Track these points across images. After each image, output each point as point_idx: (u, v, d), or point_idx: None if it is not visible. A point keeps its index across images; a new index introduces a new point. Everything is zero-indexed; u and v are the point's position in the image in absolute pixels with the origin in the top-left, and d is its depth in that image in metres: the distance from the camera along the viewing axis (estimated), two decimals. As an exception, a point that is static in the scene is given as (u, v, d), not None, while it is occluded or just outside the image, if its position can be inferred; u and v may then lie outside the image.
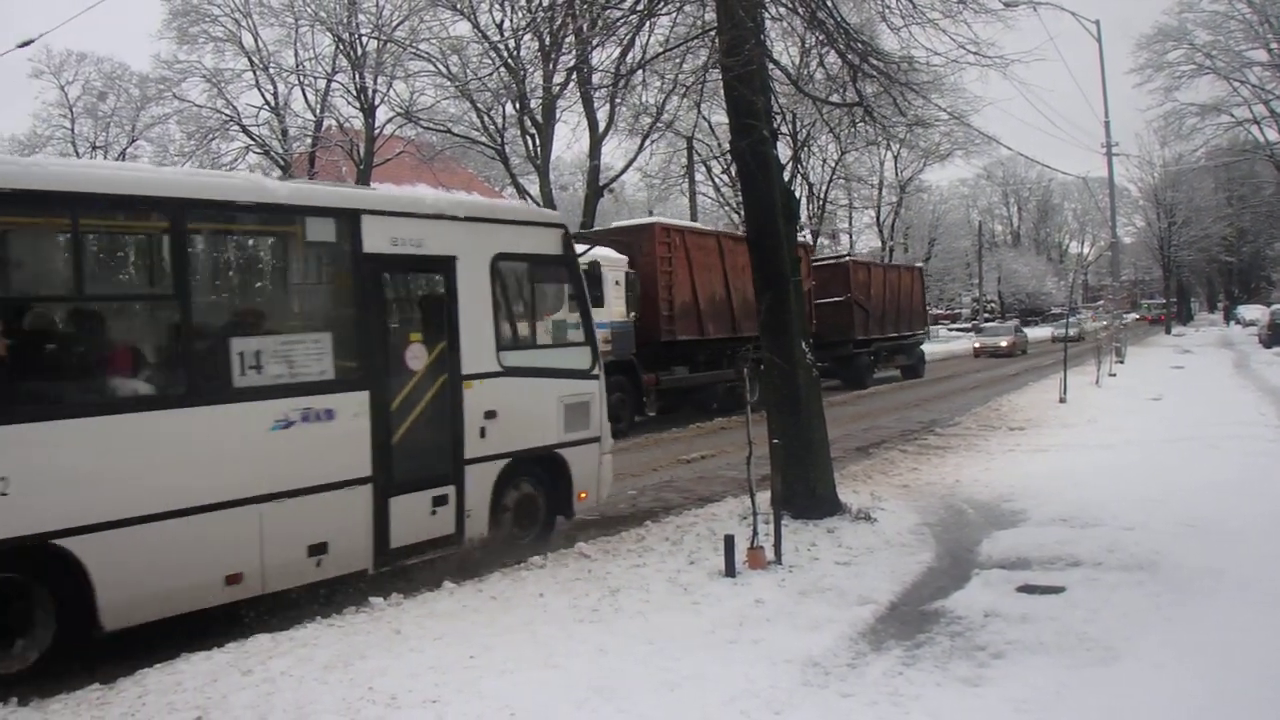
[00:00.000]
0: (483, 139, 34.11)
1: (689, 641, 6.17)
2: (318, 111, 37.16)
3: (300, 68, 36.13)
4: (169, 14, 35.41)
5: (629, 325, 18.98)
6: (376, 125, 35.50)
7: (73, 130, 46.03)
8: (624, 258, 19.34)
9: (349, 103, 36.37)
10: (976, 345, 47.44)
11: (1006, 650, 5.98)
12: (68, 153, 46.39)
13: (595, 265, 16.95)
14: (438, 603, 7.17)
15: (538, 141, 32.95)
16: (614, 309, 18.36)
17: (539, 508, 9.55)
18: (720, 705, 5.21)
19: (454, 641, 6.16)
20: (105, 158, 45.42)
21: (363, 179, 33.19)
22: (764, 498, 8.58)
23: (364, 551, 7.75)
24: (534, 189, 34.51)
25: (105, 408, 6.49)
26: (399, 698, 5.28)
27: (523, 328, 9.58)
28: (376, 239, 7.94)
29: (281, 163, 36.52)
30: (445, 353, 8.46)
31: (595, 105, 31.39)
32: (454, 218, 8.82)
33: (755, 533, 7.94)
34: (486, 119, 33.54)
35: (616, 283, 18.62)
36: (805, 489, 9.50)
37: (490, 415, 8.70)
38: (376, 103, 35.22)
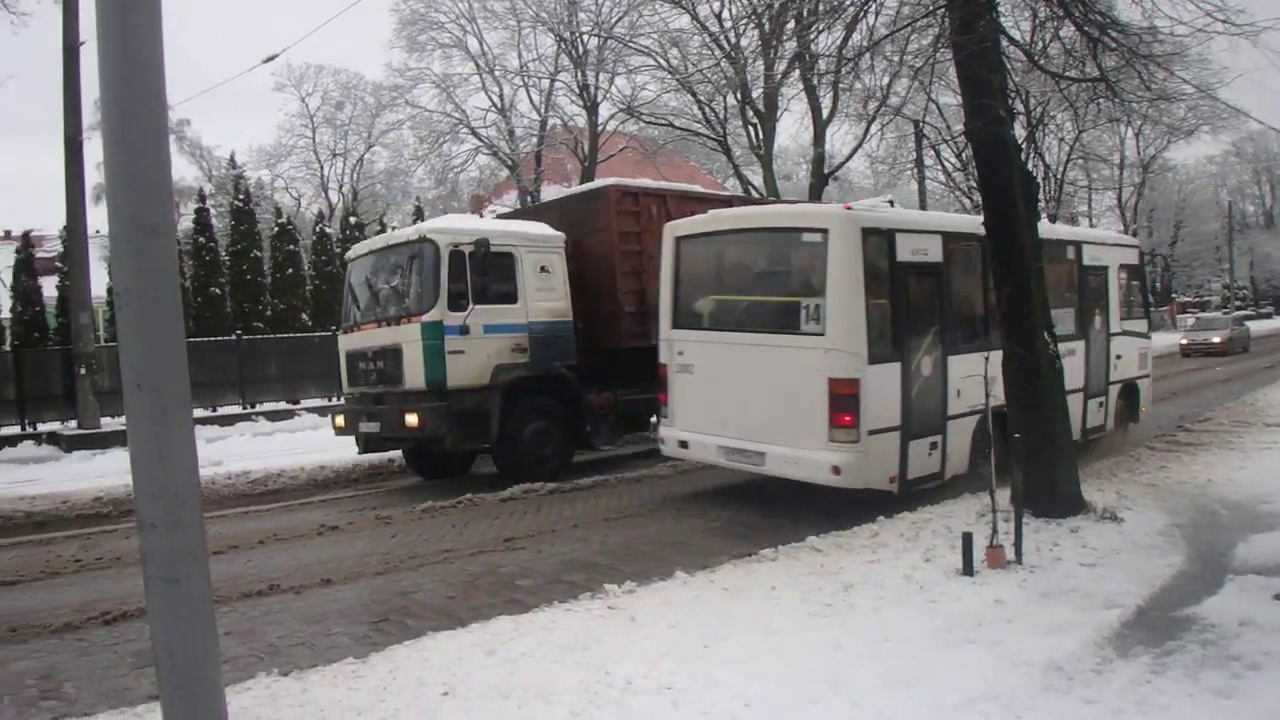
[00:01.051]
0: (705, 131, 34.21)
1: (925, 640, 6.02)
2: (542, 111, 38.09)
3: (524, 69, 37.15)
4: (399, 23, 37.02)
5: (564, 326, 14.25)
6: (599, 122, 36.16)
7: (314, 139, 48.95)
8: (558, 235, 14.56)
9: (572, 101, 37.17)
10: (1184, 342, 39.57)
11: (1263, 661, 5.59)
12: (310, 161, 49.45)
13: (503, 247, 13.69)
14: (670, 591, 7.26)
15: (760, 131, 32.81)
16: (536, 304, 13.92)
17: (1125, 414, 15.10)
18: (957, 706, 5.07)
19: (688, 630, 6.22)
20: (344, 164, 48.17)
21: (587, 176, 33.87)
22: (1002, 495, 8.28)
23: (1105, 423, 13.87)
24: (757, 179, 34.39)
25: (1072, 339, 12.82)
26: (635, 683, 5.36)
27: (1124, 306, 14.86)
28: (1086, 258, 13.74)
29: (509, 163, 37.67)
30: (1104, 320, 14.10)
31: (819, 91, 31.00)
32: (1107, 244, 15.05)
33: (995, 530, 7.68)
34: (708, 111, 33.62)
35: (542, 269, 14.08)
36: (1046, 486, 9.11)
37: (1118, 357, 14.50)
38: (599, 100, 35.86)
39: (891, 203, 14.22)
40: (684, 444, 11.58)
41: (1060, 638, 6.05)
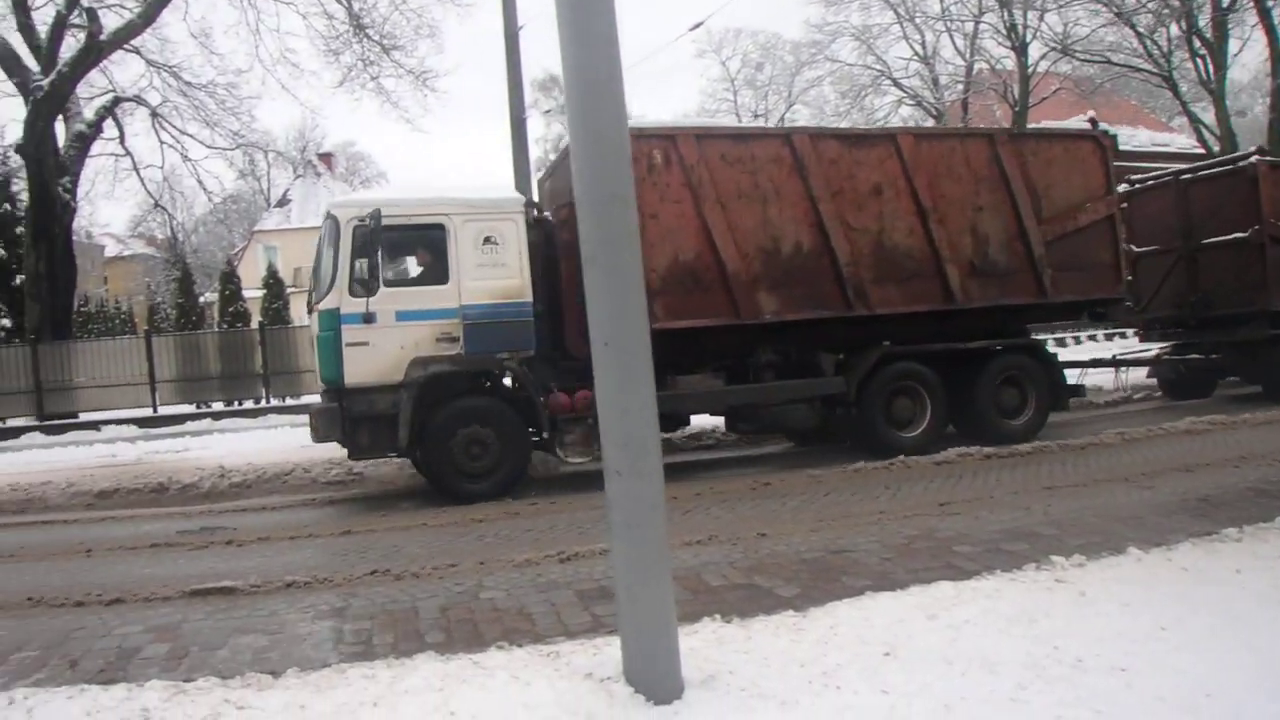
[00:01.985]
0: (1146, 67, 31.59)
1: None
2: (967, 56, 36.85)
3: (946, 13, 36.02)
4: (815, -22, 37.01)
5: (517, 309, 11.88)
6: (1029, 63, 34.33)
7: (735, 102, 50.13)
8: (514, 198, 12.56)
9: (999, 43, 35.72)
10: None
11: None
12: (733, 123, 50.62)
13: (429, 218, 11.83)
14: (1122, 568, 6.81)
15: (1209, 63, 29.78)
16: (474, 284, 11.77)
17: None
18: None
19: (1141, 610, 5.81)
20: (765, 124, 48.97)
21: (1018, 121, 32.36)
22: None
23: None
24: (1208, 116, 31.30)
25: None
26: (1085, 661, 5.09)
27: None
28: None
29: (933, 112, 36.71)
30: None
31: (1274, 15, 27.65)
32: None
33: None
34: (1149, 44, 30.97)
35: (487, 240, 11.85)
36: None
37: None
38: (1028, 39, 34.10)
39: (1094, 121, 12.63)
40: None
41: None
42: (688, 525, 9.29)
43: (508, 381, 12.56)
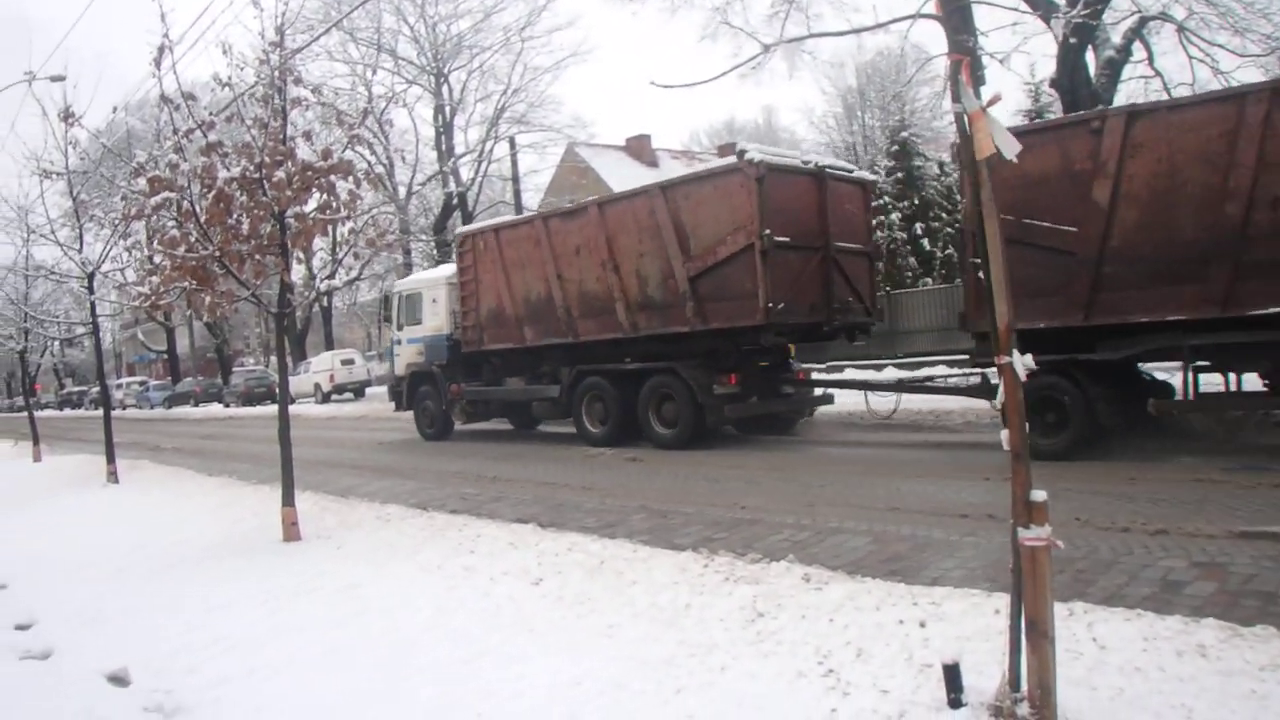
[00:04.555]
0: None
1: None
2: None
3: None
4: None
5: (441, 338, 20.32)
6: None
7: None
8: (441, 276, 20.99)
9: None
10: None
11: None
12: None
13: (415, 290, 21.59)
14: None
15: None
16: (429, 324, 20.72)
17: None
18: None
19: None
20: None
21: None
22: None
23: None
24: None
25: None
26: None
27: None
28: None
29: None
30: None
31: None
32: None
33: None
34: None
35: (434, 300, 20.66)
36: None
37: None
38: None
39: (740, 153, 14.10)
40: None
41: None
42: None
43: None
